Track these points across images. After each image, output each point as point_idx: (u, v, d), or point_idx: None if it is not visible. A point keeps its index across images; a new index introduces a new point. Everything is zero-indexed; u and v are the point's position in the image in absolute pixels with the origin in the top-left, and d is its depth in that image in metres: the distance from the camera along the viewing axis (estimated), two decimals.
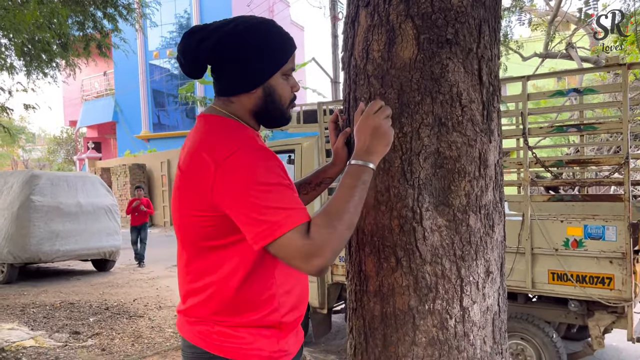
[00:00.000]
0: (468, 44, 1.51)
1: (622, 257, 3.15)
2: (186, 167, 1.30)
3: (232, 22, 1.35)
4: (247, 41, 1.32)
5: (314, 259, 1.16)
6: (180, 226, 1.35)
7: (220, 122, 1.34)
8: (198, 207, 1.26)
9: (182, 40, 1.37)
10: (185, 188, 1.30)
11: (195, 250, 1.33)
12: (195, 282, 1.34)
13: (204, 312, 1.33)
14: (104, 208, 8.97)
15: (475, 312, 1.54)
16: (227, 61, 1.33)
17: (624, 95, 3.13)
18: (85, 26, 8.98)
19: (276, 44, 1.36)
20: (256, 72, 1.34)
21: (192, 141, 1.33)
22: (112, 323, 5.71)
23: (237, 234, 1.24)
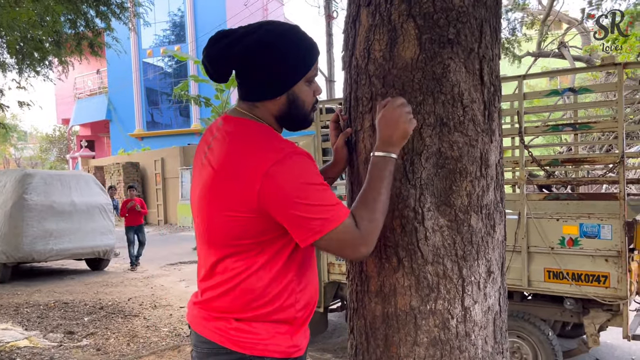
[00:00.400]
0: (469, 43, 1.51)
1: (617, 256, 3.17)
2: (223, 168, 1.33)
3: (260, 29, 1.36)
4: (274, 50, 1.34)
5: (362, 248, 1.32)
6: (208, 224, 1.39)
7: (258, 126, 1.39)
8: (235, 208, 1.30)
9: (208, 45, 1.38)
10: (220, 188, 1.33)
11: (223, 248, 1.37)
12: (220, 279, 1.38)
13: (225, 307, 1.37)
14: (98, 207, 8.92)
15: (476, 312, 1.55)
16: (253, 69, 1.36)
17: (619, 94, 3.15)
18: (78, 24, 8.94)
19: (301, 52, 1.38)
20: (281, 81, 1.38)
21: (228, 144, 1.35)
22: (107, 322, 5.69)
23: (267, 234, 1.32)
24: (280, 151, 1.28)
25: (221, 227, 1.35)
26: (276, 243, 1.35)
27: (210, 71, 1.40)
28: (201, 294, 1.44)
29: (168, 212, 18.31)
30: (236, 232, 1.33)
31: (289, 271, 1.38)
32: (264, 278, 1.35)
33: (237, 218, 1.31)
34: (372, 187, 1.37)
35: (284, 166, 1.26)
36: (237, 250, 1.36)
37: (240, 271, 1.35)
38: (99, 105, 25.04)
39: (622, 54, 8.29)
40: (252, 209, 1.29)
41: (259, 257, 1.35)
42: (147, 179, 19.00)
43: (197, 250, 1.52)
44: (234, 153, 1.32)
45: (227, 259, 1.37)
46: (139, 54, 23.91)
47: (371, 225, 1.33)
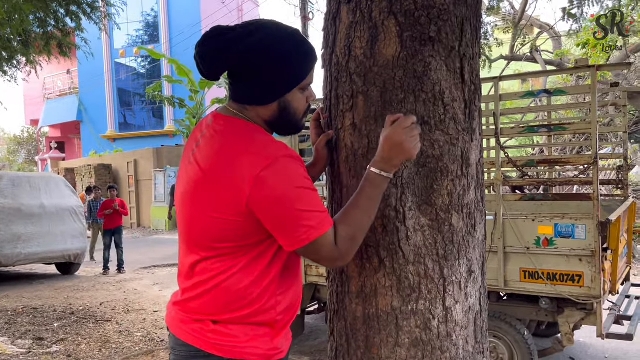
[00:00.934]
0: (450, 42, 1.50)
1: (591, 255, 3.21)
2: (211, 169, 1.29)
3: (258, 32, 1.31)
4: (271, 57, 1.30)
5: (338, 262, 1.34)
6: (191, 225, 1.35)
7: (248, 127, 1.35)
8: (222, 211, 1.27)
9: (203, 41, 1.32)
10: (206, 189, 1.30)
11: (204, 250, 1.34)
12: (199, 280, 1.34)
13: (204, 309, 1.34)
14: (68, 209, 8.70)
15: (457, 312, 1.54)
16: (247, 73, 1.33)
17: (592, 96, 3.20)
18: (47, 23, 8.72)
19: (299, 61, 1.35)
20: (273, 90, 1.35)
21: (218, 144, 1.31)
22: (78, 328, 5.54)
23: (252, 238, 1.30)
24: (271, 155, 1.25)
25: (204, 228, 1.32)
26: (259, 246, 1.32)
27: (201, 68, 1.35)
28: (181, 294, 1.41)
29: (141, 215, 18.02)
30: (220, 234, 1.30)
31: (270, 273, 1.35)
32: (244, 280, 1.32)
33: (223, 221, 1.28)
34: (360, 205, 1.35)
35: (274, 170, 1.24)
36: (219, 252, 1.32)
37: (220, 272, 1.32)
38: (69, 106, 24.50)
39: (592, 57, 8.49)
40: (240, 212, 1.26)
41: (240, 259, 1.32)
42: (119, 181, 18.66)
43: (179, 248, 1.48)
44: (223, 154, 1.29)
45: (207, 260, 1.34)
46: (111, 54, 23.50)
47: (352, 246, 1.33)
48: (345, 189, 1.58)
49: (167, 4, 22.69)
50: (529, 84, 17.16)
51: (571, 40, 12.07)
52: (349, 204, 1.38)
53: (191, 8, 21.59)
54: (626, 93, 4.43)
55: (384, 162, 1.37)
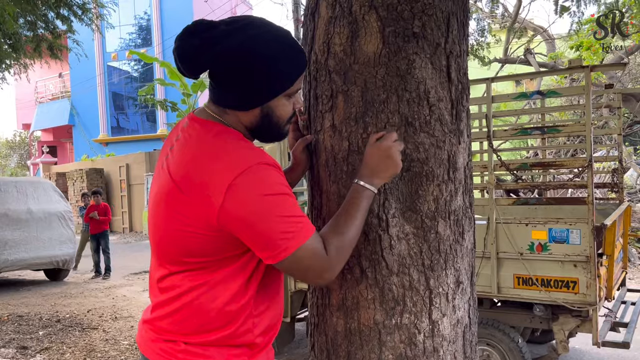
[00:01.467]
0: (436, 38, 1.41)
1: (586, 261, 3.13)
2: (182, 177, 1.18)
3: (244, 31, 1.19)
4: (256, 60, 1.19)
5: (325, 273, 1.21)
6: (161, 238, 1.25)
7: (224, 132, 1.23)
8: (192, 223, 1.17)
9: (181, 36, 1.21)
10: (176, 199, 1.18)
11: (175, 265, 1.23)
12: (170, 296, 1.24)
13: (173, 328, 1.24)
14: (56, 215, 8.55)
15: (445, 326, 1.44)
16: (228, 75, 1.21)
17: (587, 97, 3.12)
18: (37, 26, 8.61)
19: (287, 66, 1.23)
20: (257, 95, 1.23)
21: (191, 150, 1.20)
22: (63, 336, 5.41)
23: (225, 253, 1.20)
24: (245, 162, 1.15)
25: (174, 241, 1.21)
26: (234, 262, 1.22)
27: (179, 65, 1.23)
28: (151, 311, 1.30)
29: (133, 220, 17.85)
30: (190, 248, 1.20)
31: (247, 292, 1.24)
32: (217, 299, 1.22)
33: (195, 234, 1.18)
34: (348, 214, 1.27)
35: (247, 178, 1.13)
36: (188, 267, 1.22)
37: (190, 289, 1.22)
38: (61, 110, 24.29)
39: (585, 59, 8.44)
40: (211, 226, 1.15)
41: (213, 275, 1.21)
42: (111, 185, 18.49)
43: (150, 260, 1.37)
44: (195, 162, 1.17)
45: (177, 274, 1.24)
46: (103, 58, 23.34)
47: (339, 252, 1.23)
48: (325, 195, 1.48)
49: (160, 7, 22.57)
50: (523, 87, 17.14)
51: (565, 43, 12.05)
52: (337, 215, 1.28)
53: (184, 11, 21.47)
54: (620, 95, 4.36)
55: (370, 176, 1.30)
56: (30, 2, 7.67)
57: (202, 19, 1.24)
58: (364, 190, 1.29)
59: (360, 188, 1.29)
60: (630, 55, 9.68)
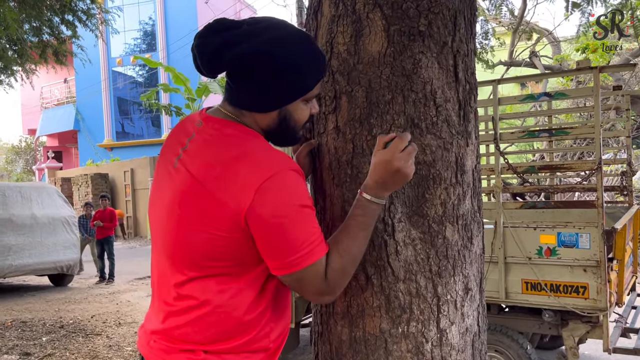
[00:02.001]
0: (442, 37, 1.37)
1: (596, 266, 3.06)
2: (208, 177, 1.14)
3: (267, 32, 1.16)
4: (276, 63, 1.15)
5: (325, 297, 1.21)
6: (177, 239, 1.19)
7: (248, 133, 1.20)
8: (216, 225, 1.13)
9: (203, 34, 1.17)
10: (200, 200, 1.14)
11: (194, 269, 1.18)
12: (188, 305, 1.19)
13: (193, 337, 1.18)
14: (61, 220, 8.54)
15: (453, 334, 1.39)
16: (247, 77, 1.18)
17: (595, 99, 3.07)
18: (42, 32, 8.63)
19: (308, 70, 1.20)
20: (275, 98, 1.20)
21: (214, 149, 1.16)
22: (67, 342, 5.38)
23: (248, 257, 1.17)
24: (276, 166, 1.12)
25: (196, 245, 1.16)
26: (255, 267, 1.19)
27: (198, 64, 1.19)
28: (162, 320, 1.23)
29: (138, 225, 17.86)
30: (214, 251, 1.15)
31: (265, 298, 1.22)
32: (240, 306, 1.18)
33: (219, 237, 1.13)
34: (352, 234, 1.22)
35: (278, 183, 1.11)
36: (212, 272, 1.17)
37: (215, 295, 1.17)
38: (66, 115, 24.38)
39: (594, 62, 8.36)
40: (237, 226, 1.12)
41: (235, 281, 1.18)
42: (116, 190, 18.52)
43: (152, 265, 1.31)
44: (223, 160, 1.13)
45: (197, 280, 1.18)
46: (108, 63, 23.42)
47: (341, 275, 1.20)
48: (328, 199, 1.44)
49: (165, 13, 22.64)
50: (529, 90, 17.05)
51: (571, 46, 11.98)
52: (340, 231, 1.23)
53: (188, 16, 21.53)
54: (629, 97, 4.30)
55: (377, 187, 1.22)
56: (35, 8, 7.69)
57: (224, 18, 1.20)
58: (370, 204, 1.22)
59: (366, 202, 1.22)
60: (637, 58, 9.61)
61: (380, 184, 1.22)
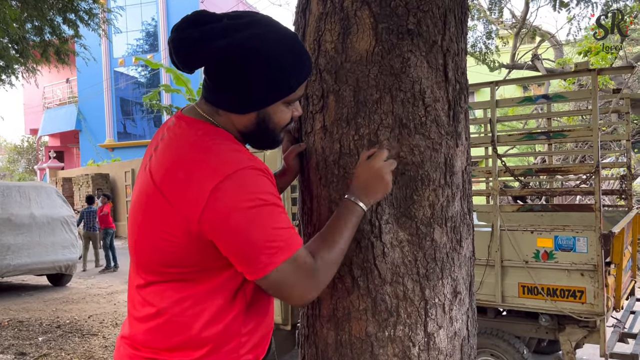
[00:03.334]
0: (432, 35, 1.34)
1: (593, 270, 3.03)
2: (163, 179, 1.10)
3: (248, 28, 1.10)
4: (258, 61, 1.09)
5: (312, 291, 1.13)
6: (140, 246, 1.16)
7: (213, 132, 1.14)
8: (171, 231, 1.08)
9: (180, 27, 1.11)
10: (158, 204, 1.10)
11: (154, 275, 1.15)
12: (150, 312, 1.14)
13: (154, 345, 1.14)
14: (59, 220, 8.52)
15: (441, 339, 1.36)
16: (226, 74, 1.11)
17: (594, 102, 3.04)
18: (44, 31, 8.64)
19: (290, 71, 1.13)
20: (254, 99, 1.14)
21: (174, 150, 1.12)
22: (63, 342, 5.36)
23: (203, 264, 1.11)
24: (233, 165, 1.06)
25: (151, 248, 1.13)
26: (217, 275, 1.13)
27: (174, 58, 1.13)
28: (130, 325, 1.20)
29: None
30: (168, 257, 1.11)
31: (233, 309, 1.15)
32: (201, 315, 1.12)
33: (172, 242, 1.09)
34: (336, 229, 1.20)
35: (234, 183, 1.04)
36: (168, 278, 1.13)
37: (172, 304, 1.13)
38: (68, 115, 24.40)
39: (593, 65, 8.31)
40: (190, 232, 1.06)
41: (196, 289, 1.12)
42: (117, 190, 18.51)
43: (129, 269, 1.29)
44: (178, 162, 1.09)
45: (156, 285, 1.15)
46: (110, 63, 23.44)
47: (328, 267, 1.15)
48: (315, 200, 1.41)
49: (167, 13, 22.67)
50: (531, 93, 17.01)
51: (573, 49, 11.94)
52: (329, 226, 1.20)
53: None
54: (629, 100, 4.27)
55: (360, 194, 1.23)
56: (37, 7, 7.70)
57: (204, 10, 1.14)
58: (354, 207, 1.22)
59: (351, 204, 1.23)
60: (639, 61, 9.56)
61: (365, 190, 1.23)
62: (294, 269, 1.09)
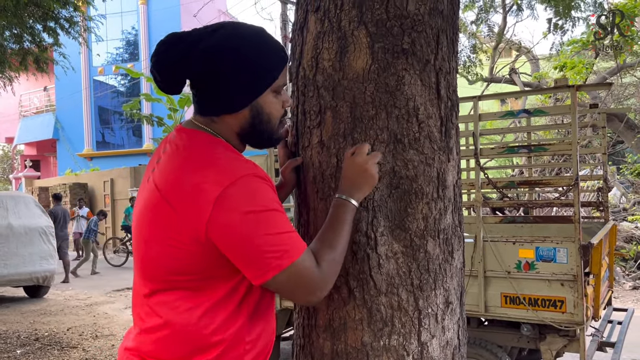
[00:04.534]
0: (425, 54, 1.40)
1: (573, 280, 3.11)
2: (168, 189, 1.14)
3: (217, 32, 1.18)
4: (234, 57, 1.17)
5: (317, 291, 1.17)
6: (146, 255, 1.18)
7: (213, 142, 1.19)
8: (178, 237, 1.12)
9: (157, 51, 1.19)
10: (164, 213, 1.13)
11: (161, 284, 1.17)
12: (155, 320, 1.17)
13: (159, 355, 1.16)
14: (37, 230, 8.37)
15: (434, 348, 1.41)
16: (209, 79, 1.18)
17: (573, 116, 3.14)
18: (23, 39, 8.54)
19: (266, 60, 1.21)
20: (242, 93, 1.20)
21: (178, 160, 1.16)
22: (41, 355, 5.26)
23: (212, 271, 1.15)
24: (236, 173, 1.11)
25: (158, 257, 1.16)
26: (223, 284, 1.16)
27: (159, 81, 1.20)
28: (135, 336, 1.22)
29: (117, 235, 17.60)
30: (177, 265, 1.14)
31: (239, 317, 1.18)
32: (208, 324, 1.15)
33: (182, 250, 1.12)
34: (334, 229, 1.24)
35: (238, 189, 1.09)
36: (174, 286, 1.16)
37: (178, 314, 1.15)
38: (45, 124, 24.04)
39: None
40: (198, 239, 1.10)
41: (203, 297, 1.15)
42: (95, 200, 18.27)
43: (133, 281, 1.31)
44: (182, 172, 1.13)
45: (162, 294, 1.17)
46: (89, 72, 23.21)
47: (332, 267, 1.20)
48: (312, 212, 1.45)
49: (148, 23, 22.58)
50: (508, 106, 17.34)
51: (549, 64, 12.24)
52: (326, 228, 1.25)
53: (171, 26, 21.50)
54: (605, 114, 4.41)
55: (350, 190, 1.29)
56: (17, 15, 7.61)
57: (173, 32, 1.22)
58: (346, 204, 1.27)
59: (342, 202, 1.27)
60: (612, 76, 9.86)
61: (353, 186, 1.28)
62: (300, 270, 1.13)
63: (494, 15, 9.88)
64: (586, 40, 8.57)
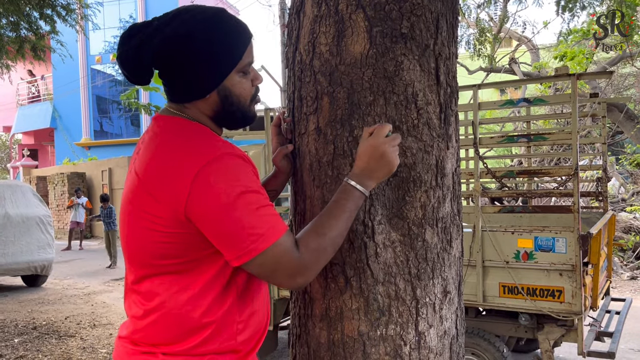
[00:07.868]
0: (425, 39, 1.37)
1: (571, 270, 3.10)
2: (147, 176, 1.13)
3: (175, 19, 1.16)
4: (194, 42, 1.14)
5: (298, 278, 1.13)
6: (131, 241, 1.18)
7: (189, 125, 1.18)
8: (159, 221, 1.11)
9: (119, 44, 1.19)
10: (144, 198, 1.13)
11: (147, 269, 1.16)
12: (144, 305, 1.17)
13: (151, 340, 1.16)
14: (35, 219, 8.35)
15: (431, 337, 1.39)
16: (173, 66, 1.17)
17: (573, 106, 3.11)
18: (20, 27, 8.47)
19: (228, 40, 1.17)
20: (207, 77, 1.17)
21: (154, 145, 1.16)
22: (39, 344, 5.26)
23: (197, 253, 1.13)
24: (213, 151, 1.10)
25: (144, 243, 1.15)
26: (212, 263, 1.15)
27: (125, 72, 1.19)
28: (128, 324, 1.22)
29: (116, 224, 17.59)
30: (160, 249, 1.13)
31: (228, 297, 1.17)
32: (198, 306, 1.14)
33: (163, 233, 1.11)
34: (331, 215, 1.19)
35: (216, 168, 1.07)
36: (161, 270, 1.15)
37: (168, 298, 1.15)
38: (43, 113, 23.90)
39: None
40: (178, 221, 1.09)
41: (190, 279, 1.14)
42: (93, 189, 18.22)
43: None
44: (160, 156, 1.13)
45: (149, 279, 1.17)
46: (87, 60, 23.05)
47: (315, 254, 1.13)
48: (308, 200, 1.43)
49: (145, 11, 22.40)
50: (508, 96, 17.28)
51: (549, 53, 12.17)
52: (323, 213, 1.20)
53: None
54: (605, 104, 4.38)
55: (362, 177, 1.21)
56: (13, 2, 7.53)
57: (135, 23, 1.22)
58: (353, 191, 1.21)
59: (350, 188, 1.21)
60: (613, 66, 9.80)
61: (366, 170, 1.22)
62: (276, 254, 1.09)
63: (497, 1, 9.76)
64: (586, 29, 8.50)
